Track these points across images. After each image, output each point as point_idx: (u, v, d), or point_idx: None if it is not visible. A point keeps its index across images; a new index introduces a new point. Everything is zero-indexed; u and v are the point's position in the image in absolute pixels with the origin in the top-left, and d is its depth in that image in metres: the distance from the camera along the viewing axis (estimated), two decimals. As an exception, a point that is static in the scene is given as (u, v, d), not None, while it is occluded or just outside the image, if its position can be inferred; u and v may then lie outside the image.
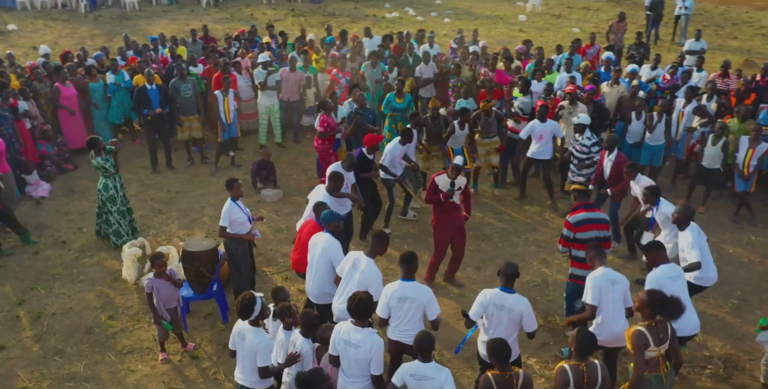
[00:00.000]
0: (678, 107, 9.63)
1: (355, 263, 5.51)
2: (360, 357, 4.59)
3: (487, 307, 5.07)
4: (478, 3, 27.31)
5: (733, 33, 21.61)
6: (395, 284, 5.18)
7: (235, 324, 4.99)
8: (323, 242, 5.80)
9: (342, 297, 5.51)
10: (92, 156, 8.09)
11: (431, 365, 4.42)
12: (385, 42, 13.16)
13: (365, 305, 4.63)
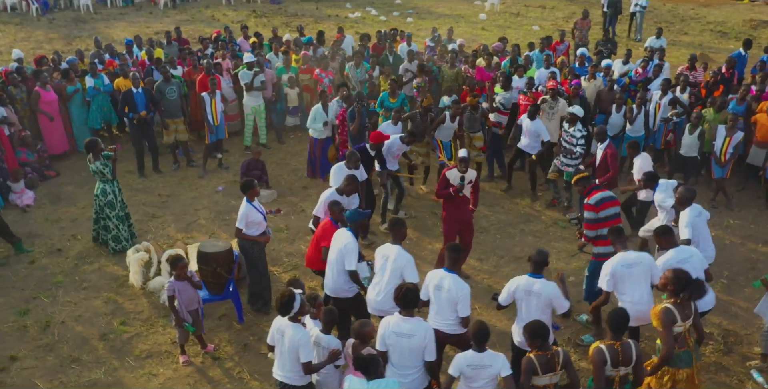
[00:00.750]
0: (654, 99, 10.10)
1: (384, 254, 5.66)
2: (414, 346, 4.70)
3: (516, 292, 5.27)
4: (437, 2, 27.68)
5: (683, 29, 22.61)
6: (438, 272, 5.34)
7: (273, 321, 5.03)
8: (341, 240, 5.88)
9: (377, 288, 5.64)
10: (90, 160, 7.95)
11: (487, 353, 4.58)
12: (363, 41, 13.28)
13: (412, 294, 4.75)
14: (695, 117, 9.37)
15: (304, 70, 11.98)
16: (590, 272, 6.49)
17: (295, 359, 4.78)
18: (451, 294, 5.18)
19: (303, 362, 4.76)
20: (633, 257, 5.58)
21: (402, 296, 4.73)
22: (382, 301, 5.56)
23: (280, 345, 4.87)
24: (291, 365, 4.83)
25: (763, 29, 22.59)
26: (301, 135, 12.45)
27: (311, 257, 6.51)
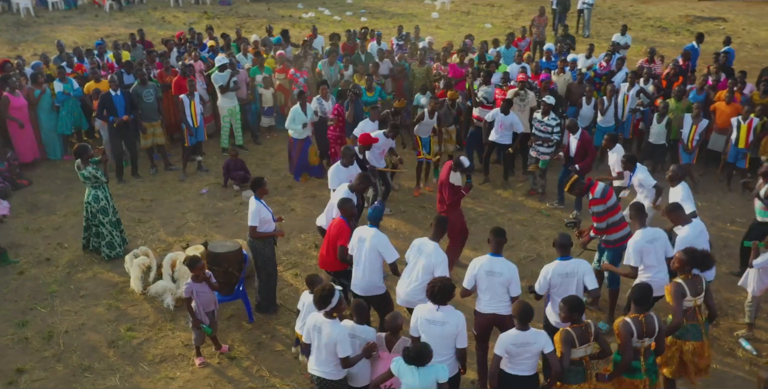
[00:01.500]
0: (622, 91, 10.61)
1: (420, 248, 5.79)
2: (447, 334, 4.87)
3: (552, 278, 5.52)
4: (388, 2, 27.97)
5: (627, 24, 23.59)
6: (484, 258, 5.53)
7: (309, 318, 5.09)
8: (371, 237, 5.96)
9: (407, 280, 5.79)
10: (79, 167, 7.77)
11: (530, 331, 4.79)
12: (333, 40, 13.37)
13: (447, 290, 4.91)
14: (663, 107, 9.93)
15: (279, 70, 11.98)
16: (611, 260, 6.74)
17: (333, 354, 4.85)
18: (503, 277, 5.41)
19: (341, 357, 4.84)
20: (652, 232, 5.97)
21: (437, 292, 4.88)
22: (411, 292, 5.73)
23: (317, 341, 4.92)
24: (328, 360, 4.90)
25: (698, 24, 23.86)
26: (276, 135, 12.46)
27: (327, 259, 6.43)
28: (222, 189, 10.21)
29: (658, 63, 12.19)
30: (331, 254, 6.33)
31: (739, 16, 25.34)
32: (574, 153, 9.02)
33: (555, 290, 5.56)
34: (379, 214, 6.18)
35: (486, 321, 5.53)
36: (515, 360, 4.83)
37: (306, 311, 5.76)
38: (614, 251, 6.75)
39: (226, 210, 9.56)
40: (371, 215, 6.16)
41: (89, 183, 7.85)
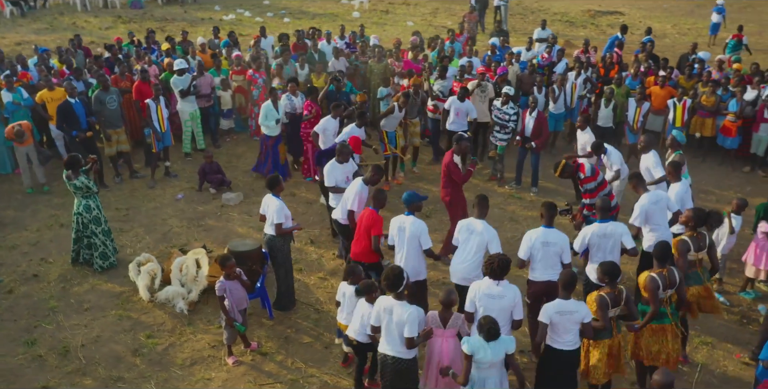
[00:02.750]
0: (570, 80, 11.47)
1: (470, 228, 6.15)
2: (504, 306, 5.23)
3: (591, 239, 6.09)
4: (305, 2, 28.06)
5: (536, 20, 25.00)
6: (538, 231, 5.97)
7: (378, 301, 5.29)
8: (410, 225, 6.21)
9: (462, 259, 6.13)
10: (69, 177, 7.49)
11: (572, 301, 5.22)
12: (282, 41, 13.41)
13: (505, 264, 5.29)
14: (608, 93, 10.84)
15: (236, 71, 11.91)
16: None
17: (402, 334, 5.12)
18: (558, 246, 5.89)
19: (407, 337, 5.08)
20: (656, 195, 6.66)
21: (497, 267, 5.24)
22: (467, 269, 6.09)
23: (388, 323, 5.14)
24: (401, 340, 5.15)
25: (600, 17, 25.77)
26: (237, 137, 12.38)
27: (361, 250, 6.55)
28: (198, 193, 10.08)
29: (592, 53, 13.20)
30: (364, 245, 6.49)
31: (633, 9, 27.58)
32: (530, 132, 9.83)
33: (594, 251, 6.13)
34: (415, 199, 6.42)
35: (540, 289, 5.96)
36: (559, 331, 5.21)
37: (347, 301, 5.97)
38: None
39: (209, 214, 9.48)
40: (406, 199, 6.39)
41: (80, 193, 7.59)
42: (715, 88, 11.00)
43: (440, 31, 22.12)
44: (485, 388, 4.89)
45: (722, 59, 12.81)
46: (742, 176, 11.04)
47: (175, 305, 7.23)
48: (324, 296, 7.58)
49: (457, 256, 6.24)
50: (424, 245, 6.21)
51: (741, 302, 7.54)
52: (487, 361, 4.79)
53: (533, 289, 6.04)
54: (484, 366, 4.83)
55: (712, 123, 11.12)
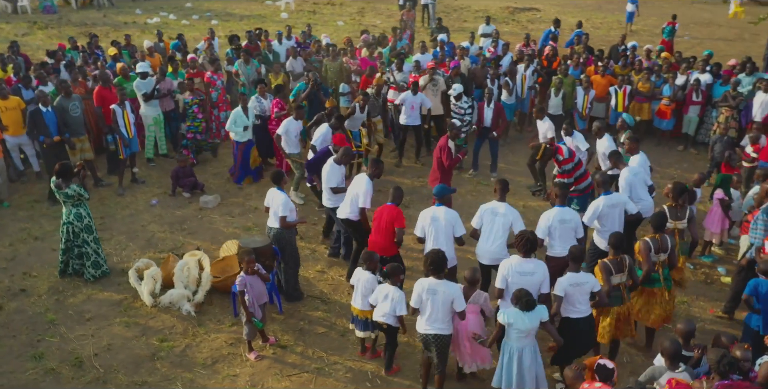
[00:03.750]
0: (520, 72, 12.15)
1: (494, 210, 6.56)
2: (534, 282, 5.64)
3: (603, 210, 6.66)
4: (228, 4, 27.69)
5: (461, 17, 25.99)
6: (554, 211, 6.47)
7: (418, 283, 5.57)
8: (443, 214, 6.52)
9: (490, 240, 6.52)
10: (59, 186, 7.28)
11: (582, 273, 5.70)
12: (234, 42, 13.34)
13: (534, 241, 5.72)
14: (558, 82, 11.59)
15: (192, 74, 11.76)
16: (581, 206, 7.91)
17: (448, 311, 5.44)
18: (573, 223, 6.44)
19: (458, 311, 5.46)
20: (636, 167, 7.32)
21: (524, 243, 5.67)
22: (497, 250, 6.50)
23: (432, 302, 5.44)
24: (444, 318, 5.48)
25: (519, 13, 27.00)
26: (196, 141, 12.22)
27: (384, 244, 6.76)
28: (172, 198, 9.94)
29: (532, 46, 13.99)
30: (385, 238, 6.74)
31: (547, 5, 29.03)
32: (490, 122, 10.43)
33: (603, 221, 6.74)
34: (446, 192, 6.76)
35: (561, 263, 6.41)
36: (573, 302, 5.69)
37: (363, 286, 6.22)
38: (582, 198, 8.07)
39: (189, 217, 9.39)
40: (438, 191, 6.71)
41: (71, 202, 7.38)
42: (648, 75, 11.99)
43: (372, 30, 22.52)
44: (523, 359, 5.30)
45: (650, 49, 13.93)
46: (678, 155, 12.10)
47: (181, 307, 7.21)
48: (327, 288, 7.77)
49: (484, 238, 6.61)
50: (458, 232, 6.54)
51: (703, 264, 8.38)
52: (526, 330, 5.19)
53: (553, 264, 6.45)
54: (521, 335, 5.23)
55: (648, 107, 12.11)
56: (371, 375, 6.33)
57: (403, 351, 6.57)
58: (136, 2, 27.30)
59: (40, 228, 8.98)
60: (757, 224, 6.66)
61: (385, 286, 5.96)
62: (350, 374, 6.35)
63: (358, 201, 7.18)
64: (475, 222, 6.69)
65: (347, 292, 7.67)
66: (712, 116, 11.69)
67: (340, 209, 7.47)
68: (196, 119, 10.72)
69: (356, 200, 7.21)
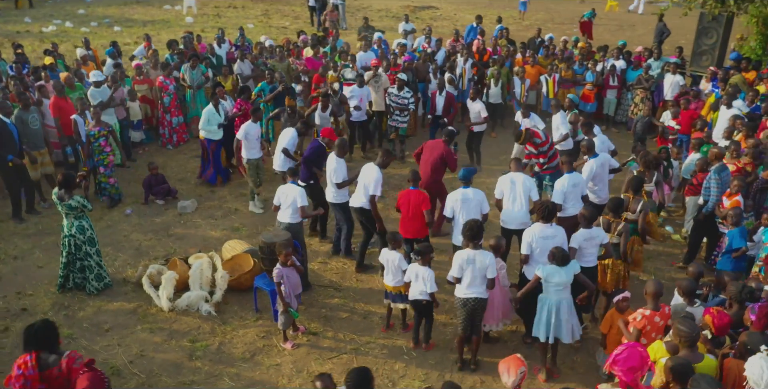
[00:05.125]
0: (460, 65, 12.97)
1: (512, 180, 7.28)
2: (556, 243, 6.24)
3: (595, 170, 7.59)
4: (124, 10, 26.66)
5: (371, 16, 26.59)
6: (566, 178, 7.21)
7: (458, 254, 6.07)
8: (473, 194, 7.16)
9: (514, 208, 7.27)
10: (62, 197, 7.08)
11: (594, 229, 6.48)
12: (172, 47, 13.12)
13: (551, 210, 6.40)
14: (497, 73, 12.53)
15: (140, 81, 11.54)
16: (552, 180, 8.75)
17: (484, 277, 6.01)
18: (581, 185, 7.33)
19: (489, 278, 6.03)
20: (602, 158, 8.12)
21: (545, 210, 6.33)
22: (522, 216, 7.27)
23: (472, 271, 5.99)
24: (481, 283, 6.03)
25: (420, 12, 28.12)
26: (148, 149, 11.99)
27: (413, 226, 7.24)
28: (146, 207, 9.78)
29: (461, 41, 14.90)
30: (417, 221, 7.24)
31: (443, 3, 30.44)
32: (441, 110, 11.24)
33: (596, 181, 7.85)
34: (472, 174, 7.34)
35: (571, 223, 7.14)
36: (585, 254, 6.48)
37: (391, 265, 6.69)
38: (553, 175, 8.91)
39: (171, 224, 9.32)
40: (463, 175, 7.27)
41: (73, 214, 7.20)
42: (570, 64, 13.25)
43: (282, 31, 22.66)
44: (560, 311, 5.99)
45: (566, 39, 15.28)
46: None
47: (200, 309, 7.27)
48: (334, 277, 8.10)
49: (509, 205, 7.34)
50: (485, 210, 7.21)
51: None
52: (563, 282, 5.89)
53: (566, 224, 7.19)
54: (559, 288, 5.92)
55: (573, 92, 13.35)
56: (405, 349, 6.79)
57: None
58: (21, 10, 25.57)
59: (16, 247, 8.57)
60: (710, 183, 7.78)
61: (414, 266, 6.45)
62: (386, 350, 6.77)
63: (369, 189, 7.58)
64: (497, 193, 7.41)
65: (355, 278, 8.06)
66: (628, 97, 13.14)
67: (353, 198, 7.82)
68: (102, 153, 9.40)
69: (368, 189, 7.60)
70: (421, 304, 6.52)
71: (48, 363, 4.24)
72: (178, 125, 11.91)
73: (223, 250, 8.11)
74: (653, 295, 5.21)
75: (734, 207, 7.15)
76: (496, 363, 6.47)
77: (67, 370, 4.24)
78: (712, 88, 11.96)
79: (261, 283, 7.19)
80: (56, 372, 4.22)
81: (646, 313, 5.21)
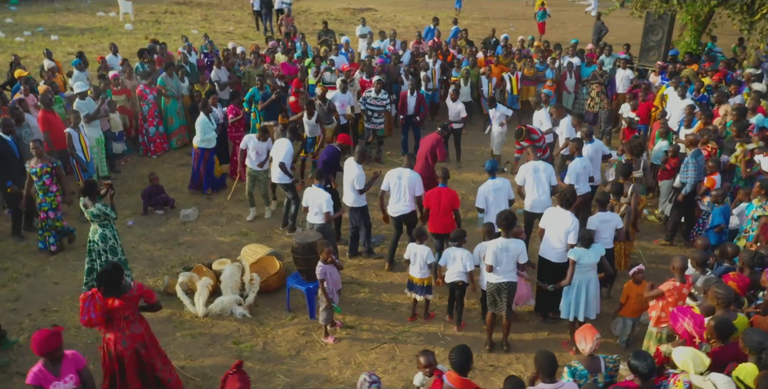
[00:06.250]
0: (431, 67, 13.53)
1: (535, 168, 7.94)
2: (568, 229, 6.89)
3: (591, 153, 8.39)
4: (56, 18, 25.69)
5: (311, 20, 26.82)
6: (578, 160, 8.13)
7: (491, 243, 6.55)
8: (503, 183, 7.82)
9: (539, 192, 7.92)
10: (86, 205, 7.09)
11: (608, 212, 7.17)
12: (143, 56, 12.97)
13: (572, 195, 6.97)
14: (466, 73, 13.17)
15: (118, 91, 11.41)
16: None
17: (515, 263, 6.55)
18: (589, 168, 8.26)
19: (521, 263, 6.59)
20: (597, 144, 8.87)
21: (565, 198, 6.91)
22: (545, 199, 7.90)
23: (505, 257, 6.48)
24: (513, 269, 6.56)
25: (359, 14, 28.49)
26: (130, 160, 11.85)
27: (442, 222, 7.71)
28: (146, 217, 9.76)
29: (424, 43, 15.46)
30: (447, 217, 7.71)
31: (380, 5, 31.03)
32: (412, 110, 11.79)
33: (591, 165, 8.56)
34: (496, 166, 7.98)
35: (583, 199, 7.79)
36: (601, 235, 7.12)
37: (419, 259, 7.13)
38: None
39: (178, 233, 9.36)
40: (492, 167, 7.90)
41: (97, 221, 7.21)
42: (531, 62, 14.09)
43: (228, 36, 22.53)
44: (589, 288, 6.61)
45: (523, 39, 16.15)
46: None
47: (233, 312, 7.46)
48: (354, 273, 8.45)
49: (532, 191, 7.95)
50: (511, 196, 7.86)
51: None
52: (591, 263, 6.51)
53: (578, 201, 7.81)
54: (587, 268, 6.54)
55: (534, 89, 14.21)
56: (440, 334, 7.26)
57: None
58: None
59: (25, 265, 8.41)
60: (688, 167, 8.65)
61: (452, 249, 6.95)
62: (422, 337, 7.21)
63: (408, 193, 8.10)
64: (519, 180, 8.04)
65: (374, 274, 8.45)
66: (583, 92, 14.10)
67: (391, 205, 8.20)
68: (49, 194, 8.34)
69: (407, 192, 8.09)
70: (457, 286, 7.02)
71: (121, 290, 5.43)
72: (155, 135, 11.84)
73: (243, 254, 8.28)
74: (680, 269, 5.90)
75: (718, 188, 8.03)
76: (524, 341, 7.16)
77: (138, 293, 5.52)
78: (662, 81, 13.07)
79: (294, 283, 7.45)
80: (128, 295, 5.45)
81: (677, 284, 5.89)
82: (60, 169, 8.33)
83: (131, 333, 5.54)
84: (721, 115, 10.61)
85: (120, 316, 5.45)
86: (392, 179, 8.10)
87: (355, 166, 8.26)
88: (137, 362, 5.62)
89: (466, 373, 4.58)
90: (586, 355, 4.83)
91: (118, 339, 5.49)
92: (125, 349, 5.51)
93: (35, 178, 8.18)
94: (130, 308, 5.49)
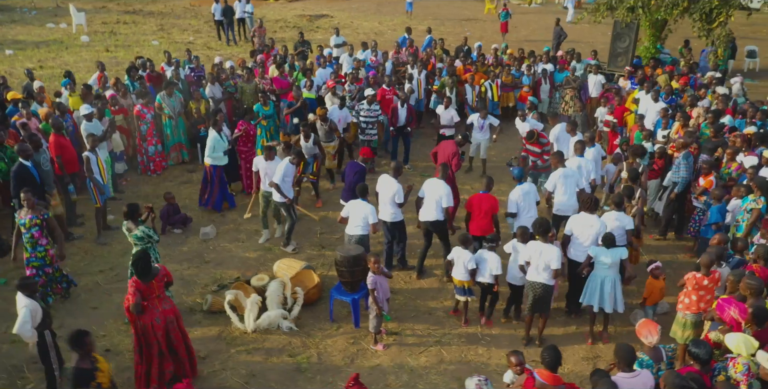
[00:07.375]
0: (416, 77, 14.03)
1: (565, 174, 8.61)
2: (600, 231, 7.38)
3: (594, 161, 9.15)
4: (3, 30, 24.76)
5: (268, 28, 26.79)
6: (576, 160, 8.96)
7: (528, 246, 7.12)
8: (531, 188, 8.51)
9: (566, 196, 8.55)
10: (130, 229, 7.23)
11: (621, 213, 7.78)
12: (131, 73, 12.89)
13: (597, 202, 7.63)
14: (451, 82, 13.75)
15: (116, 111, 11.37)
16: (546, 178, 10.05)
17: (548, 266, 7.10)
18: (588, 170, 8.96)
19: (554, 268, 7.10)
20: (597, 148, 9.59)
21: (587, 201, 7.52)
22: (574, 203, 8.46)
23: (539, 260, 7.02)
24: (545, 270, 7.09)
25: (316, 21, 28.74)
26: (131, 179, 11.81)
27: (481, 226, 8.21)
28: (164, 237, 9.79)
29: (404, 52, 15.94)
30: (486, 221, 8.20)
31: (334, 11, 31.29)
32: (404, 120, 12.25)
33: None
34: (523, 173, 8.58)
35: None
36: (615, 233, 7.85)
37: (462, 262, 7.61)
38: (547, 173, 10.29)
39: (201, 251, 9.50)
40: (520, 174, 8.49)
41: (141, 243, 7.35)
42: (507, 70, 14.81)
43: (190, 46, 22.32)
44: (605, 285, 7.22)
45: (497, 47, 16.86)
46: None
47: (281, 326, 7.73)
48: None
49: (562, 196, 8.61)
50: (537, 199, 8.51)
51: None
52: (609, 262, 7.12)
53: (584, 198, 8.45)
54: (605, 266, 7.17)
55: (512, 95, 14.94)
56: (480, 335, 7.76)
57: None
58: None
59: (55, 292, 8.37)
60: (680, 167, 9.47)
61: (484, 251, 7.50)
62: (464, 339, 7.69)
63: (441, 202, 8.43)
64: (550, 186, 8.67)
65: (402, 281, 8.87)
66: (556, 96, 14.93)
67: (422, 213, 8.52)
68: (38, 248, 7.74)
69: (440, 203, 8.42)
70: (484, 285, 7.61)
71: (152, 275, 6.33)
72: (155, 153, 11.85)
73: (278, 269, 8.53)
74: (707, 264, 6.62)
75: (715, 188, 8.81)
76: (554, 336, 7.74)
77: (164, 273, 6.45)
78: (632, 86, 14.03)
79: (338, 294, 7.79)
80: (158, 278, 6.35)
81: (698, 276, 6.60)
82: (52, 221, 7.72)
83: (163, 309, 6.41)
84: (695, 117, 11.58)
85: (155, 296, 6.33)
86: (427, 187, 8.54)
87: (393, 181, 8.54)
88: (166, 337, 6.48)
89: (556, 370, 5.09)
90: (651, 347, 5.42)
91: (152, 316, 6.31)
92: (158, 324, 6.35)
93: (23, 229, 7.63)
94: (161, 288, 6.40)
